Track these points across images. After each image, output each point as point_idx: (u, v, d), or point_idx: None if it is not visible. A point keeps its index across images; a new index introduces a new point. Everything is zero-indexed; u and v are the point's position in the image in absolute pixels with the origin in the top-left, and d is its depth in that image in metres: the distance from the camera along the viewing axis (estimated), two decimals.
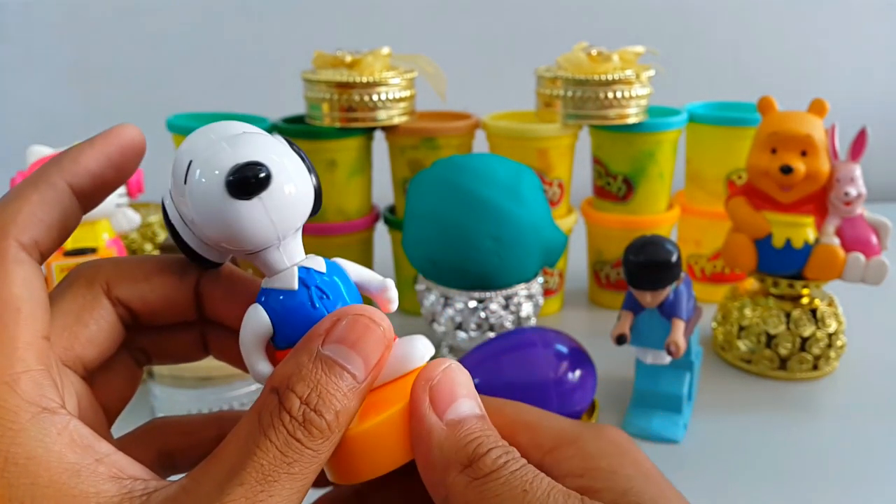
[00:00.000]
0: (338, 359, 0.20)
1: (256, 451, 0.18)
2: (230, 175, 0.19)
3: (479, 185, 0.52)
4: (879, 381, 0.58)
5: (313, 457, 0.19)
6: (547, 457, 0.21)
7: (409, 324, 0.69)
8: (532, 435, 0.22)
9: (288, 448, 0.18)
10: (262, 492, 0.18)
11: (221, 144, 0.20)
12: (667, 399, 0.51)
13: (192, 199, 0.20)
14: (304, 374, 0.19)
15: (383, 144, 0.69)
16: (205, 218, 0.20)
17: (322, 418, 0.19)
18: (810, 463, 0.48)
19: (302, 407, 0.19)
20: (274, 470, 0.18)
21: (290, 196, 0.20)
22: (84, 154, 0.21)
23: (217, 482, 0.18)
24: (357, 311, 0.21)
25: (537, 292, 0.57)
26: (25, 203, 0.20)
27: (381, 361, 0.21)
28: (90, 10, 1.00)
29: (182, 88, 0.99)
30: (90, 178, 0.21)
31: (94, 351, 0.22)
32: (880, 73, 1.06)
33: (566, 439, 0.21)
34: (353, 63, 0.63)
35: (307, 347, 0.20)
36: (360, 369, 0.20)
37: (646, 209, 0.68)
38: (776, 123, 0.56)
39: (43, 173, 0.21)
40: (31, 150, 0.54)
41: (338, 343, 0.20)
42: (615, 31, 1.00)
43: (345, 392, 0.19)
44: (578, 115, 0.64)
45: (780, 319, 0.58)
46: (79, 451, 0.18)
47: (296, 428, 0.19)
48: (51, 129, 0.97)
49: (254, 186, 0.20)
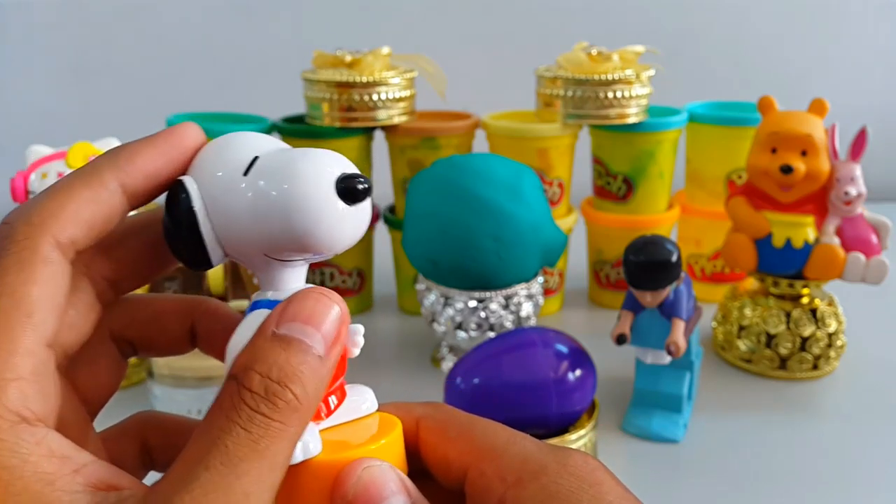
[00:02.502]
0: (294, 335, 0.19)
1: (220, 433, 0.18)
2: (341, 181, 0.20)
3: (479, 185, 0.52)
4: (879, 381, 0.58)
5: (281, 430, 0.18)
6: (510, 491, 0.20)
7: (409, 324, 0.69)
8: (497, 465, 0.21)
9: (251, 424, 0.18)
10: (230, 473, 0.17)
11: (314, 151, 0.21)
12: (667, 399, 0.51)
13: (270, 193, 0.20)
14: (261, 354, 0.19)
15: (383, 144, 0.69)
16: (292, 215, 0.20)
17: (287, 389, 0.18)
18: (810, 463, 0.48)
19: (263, 381, 0.18)
20: (239, 449, 0.17)
21: (369, 211, 0.21)
22: (141, 153, 0.21)
23: (183, 473, 0.17)
24: (306, 289, 0.20)
25: (537, 292, 0.57)
26: (72, 199, 0.20)
27: (339, 334, 0.20)
28: (90, 10, 1.00)
29: (182, 88, 0.99)
30: (144, 179, 0.21)
31: (75, 336, 0.21)
32: (880, 73, 1.06)
33: (529, 472, 0.20)
34: (353, 63, 0.63)
35: (262, 332, 0.19)
36: (319, 342, 0.19)
37: (646, 209, 0.68)
38: (776, 123, 0.56)
39: (96, 169, 0.20)
40: (31, 150, 0.54)
41: (292, 321, 0.19)
42: (615, 31, 1.00)
43: (309, 365, 0.19)
44: (578, 114, 0.64)
45: (780, 319, 0.58)
46: (55, 462, 0.18)
47: (259, 402, 0.18)
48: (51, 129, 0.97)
49: (361, 194, 0.20)
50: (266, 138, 0.22)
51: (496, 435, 0.22)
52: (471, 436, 0.22)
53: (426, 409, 0.24)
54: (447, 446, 0.22)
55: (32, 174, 0.53)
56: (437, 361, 0.60)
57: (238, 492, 0.17)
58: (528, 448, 0.21)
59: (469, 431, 0.22)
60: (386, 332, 0.68)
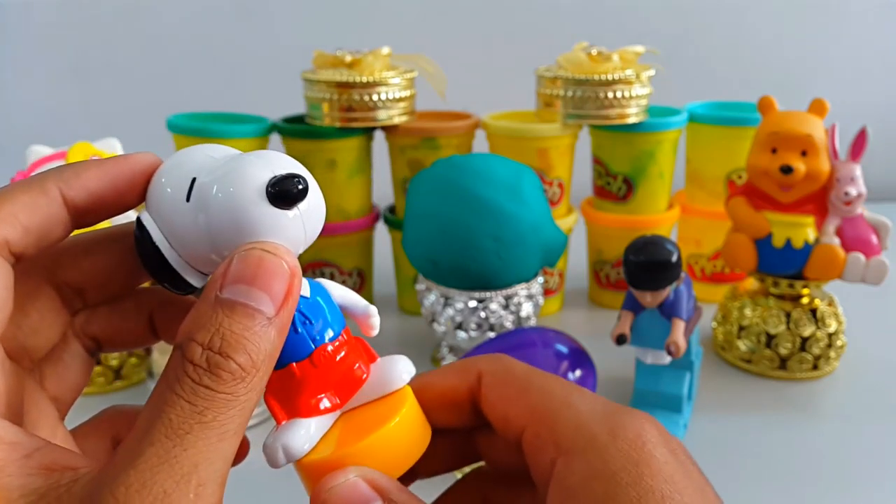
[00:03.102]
0: (238, 298, 0.19)
1: (164, 407, 0.17)
2: (271, 186, 0.19)
3: (480, 185, 0.52)
4: (879, 381, 0.58)
5: (228, 401, 0.18)
6: (561, 458, 0.21)
7: (409, 324, 0.69)
8: (550, 429, 0.21)
9: (195, 396, 0.18)
10: (175, 446, 0.17)
11: (247, 159, 0.20)
12: (667, 399, 0.51)
13: (211, 212, 0.20)
14: (203, 322, 0.18)
15: (383, 144, 0.69)
16: (232, 230, 0.20)
17: (230, 360, 0.18)
18: (810, 463, 0.48)
19: (205, 353, 0.18)
20: (184, 422, 0.17)
21: (318, 208, 0.21)
22: (89, 171, 0.21)
23: (130, 450, 0.17)
24: (247, 246, 0.20)
25: (537, 292, 0.57)
26: (8, 202, 0.20)
27: (290, 291, 0.19)
28: (90, 10, 1.00)
29: (182, 88, 0.99)
30: (87, 195, 0.21)
31: (39, 339, 0.22)
32: (880, 73, 1.06)
33: (579, 443, 0.20)
34: (353, 63, 0.63)
35: (205, 296, 0.19)
36: (266, 304, 0.19)
37: (646, 209, 0.68)
38: (776, 123, 0.56)
39: (40, 177, 0.21)
40: (31, 150, 0.54)
41: (235, 283, 0.19)
42: (615, 31, 1.00)
43: (255, 331, 0.19)
44: (578, 114, 0.64)
45: (780, 319, 0.58)
46: (5, 448, 0.18)
47: (201, 375, 0.18)
48: (51, 129, 0.97)
49: (295, 196, 0.20)
50: (207, 151, 0.22)
51: (552, 396, 0.22)
52: (527, 397, 0.22)
53: (487, 363, 0.24)
54: (506, 405, 0.23)
55: (32, 174, 0.53)
56: (437, 361, 0.60)
57: (186, 463, 0.17)
58: (582, 413, 0.21)
59: (526, 392, 0.22)
60: (386, 332, 0.68)
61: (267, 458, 0.21)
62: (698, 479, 0.20)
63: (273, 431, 0.22)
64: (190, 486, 0.17)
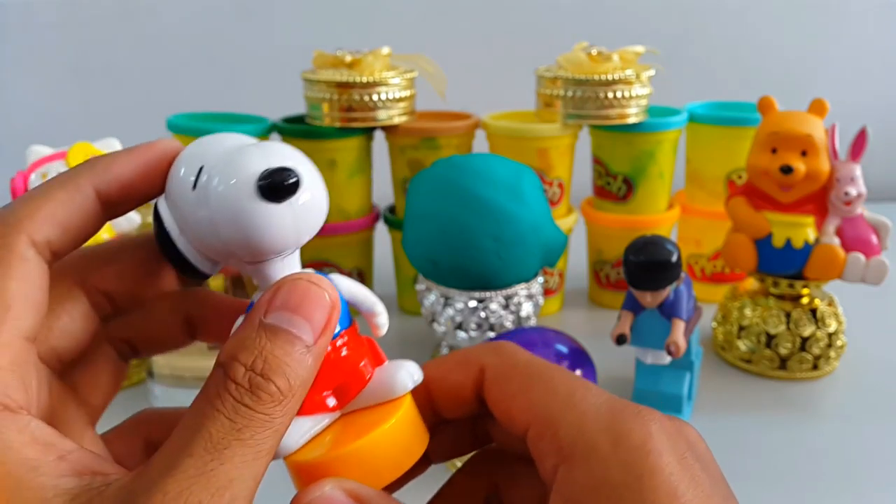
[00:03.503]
0: (281, 325, 0.19)
1: (205, 421, 0.18)
2: (262, 179, 0.20)
3: (479, 185, 0.52)
4: (879, 381, 0.58)
5: (265, 421, 0.18)
6: (562, 465, 0.20)
7: (409, 324, 0.69)
8: (553, 432, 0.21)
9: (236, 414, 0.18)
10: (213, 460, 0.17)
11: (247, 150, 0.20)
12: (667, 399, 0.51)
13: (209, 203, 0.20)
14: (247, 344, 0.19)
15: (383, 144, 0.69)
16: (226, 222, 0.20)
17: (270, 382, 0.19)
18: (810, 463, 0.48)
19: (248, 374, 0.19)
20: (223, 437, 0.18)
21: (314, 202, 0.21)
22: (118, 161, 0.21)
23: (167, 459, 0.18)
24: (294, 276, 0.20)
25: (537, 292, 0.57)
26: (47, 201, 0.20)
27: (329, 323, 0.20)
28: (90, 10, 1.00)
29: (182, 88, 0.99)
30: (119, 185, 0.21)
31: (69, 342, 0.22)
32: (880, 73, 1.06)
33: (581, 450, 0.20)
34: (353, 63, 0.63)
35: (250, 321, 0.20)
36: (307, 332, 0.20)
37: (646, 209, 0.68)
38: (776, 123, 0.56)
39: (73, 174, 0.21)
40: (31, 150, 0.54)
41: (280, 310, 0.20)
42: (615, 31, 1.00)
43: (295, 357, 0.19)
44: (578, 115, 0.64)
45: (780, 319, 0.58)
46: (39, 449, 0.18)
47: (243, 394, 0.18)
48: (51, 129, 0.97)
49: (285, 190, 0.20)
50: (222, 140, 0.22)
51: (555, 394, 0.22)
52: (529, 394, 0.22)
53: (490, 356, 0.24)
54: (509, 402, 0.22)
55: (32, 174, 0.53)
56: None
57: (222, 477, 0.17)
58: (586, 415, 0.21)
59: (528, 388, 0.22)
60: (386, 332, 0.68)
61: None
62: (706, 487, 0.20)
63: None
64: (223, 499, 0.17)
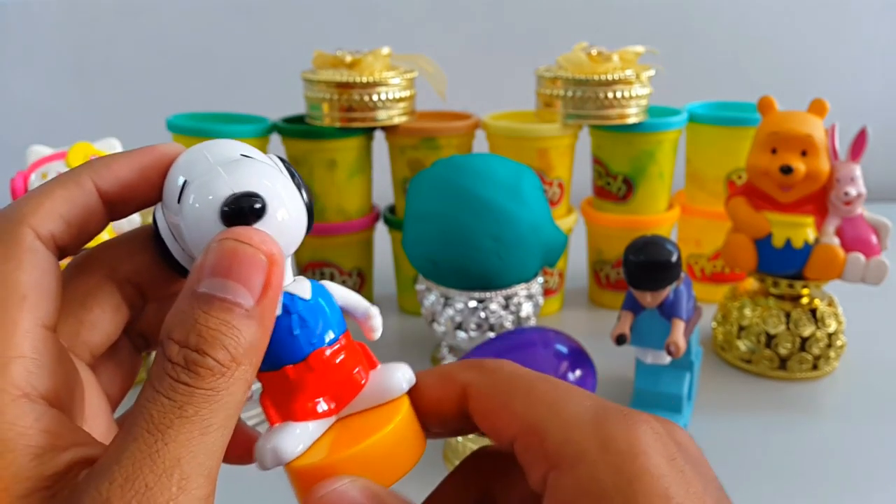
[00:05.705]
0: (215, 293, 0.19)
1: (146, 403, 0.18)
2: (225, 205, 0.19)
3: (479, 185, 0.52)
4: (879, 381, 0.58)
5: (209, 396, 0.18)
6: (551, 473, 0.20)
7: (409, 324, 0.69)
8: (539, 441, 0.20)
9: (175, 393, 0.18)
10: (157, 441, 0.17)
11: (217, 170, 0.20)
12: (667, 399, 0.51)
13: (185, 221, 0.20)
14: (181, 318, 0.19)
15: (383, 144, 0.69)
16: (197, 241, 0.20)
17: (207, 357, 0.18)
18: (810, 463, 0.48)
19: (182, 351, 0.18)
20: (164, 417, 0.17)
21: (283, 223, 0.20)
22: (117, 161, 0.22)
23: (116, 446, 0.18)
24: (221, 237, 0.19)
25: (537, 292, 0.57)
26: (48, 198, 0.20)
27: (269, 279, 0.19)
28: (90, 10, 1.00)
29: (182, 88, 0.99)
30: (119, 184, 0.21)
31: (100, 335, 0.22)
32: (880, 73, 1.06)
33: (568, 457, 0.20)
34: (353, 63, 0.63)
35: (185, 292, 0.19)
36: (244, 296, 0.19)
37: (646, 209, 0.68)
38: (776, 123, 0.56)
39: (73, 173, 0.21)
40: (31, 150, 0.54)
41: (211, 277, 0.19)
42: (615, 31, 1.00)
43: (233, 325, 0.19)
44: (578, 115, 0.64)
45: (780, 319, 0.58)
46: (50, 438, 0.18)
47: (179, 372, 0.18)
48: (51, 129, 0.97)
49: (248, 217, 0.20)
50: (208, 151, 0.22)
51: (538, 403, 0.21)
52: (512, 407, 0.22)
53: (469, 374, 0.23)
54: (493, 418, 0.22)
55: (32, 174, 0.53)
56: (437, 361, 0.60)
57: (168, 457, 0.17)
58: (571, 421, 0.20)
59: (510, 402, 0.22)
60: (386, 332, 0.68)
61: (256, 460, 0.21)
62: (698, 487, 0.19)
63: (266, 433, 0.21)
64: (172, 479, 0.17)
